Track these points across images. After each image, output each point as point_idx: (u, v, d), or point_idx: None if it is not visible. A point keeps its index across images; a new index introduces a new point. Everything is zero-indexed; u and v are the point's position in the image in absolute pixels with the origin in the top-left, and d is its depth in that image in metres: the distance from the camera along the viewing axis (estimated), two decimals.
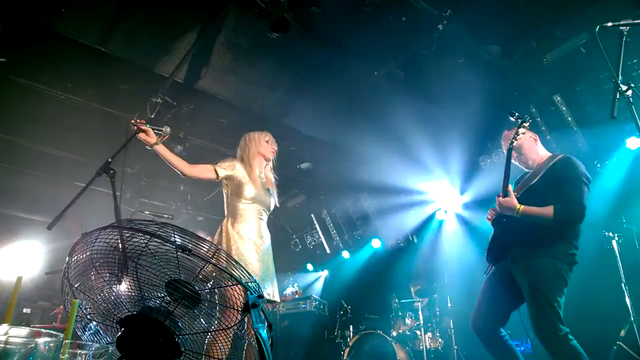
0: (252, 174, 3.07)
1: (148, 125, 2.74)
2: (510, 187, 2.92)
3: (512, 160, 3.08)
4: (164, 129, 2.80)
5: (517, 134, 2.90)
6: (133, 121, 2.75)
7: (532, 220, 2.77)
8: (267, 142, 3.24)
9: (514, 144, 2.93)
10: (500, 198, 2.86)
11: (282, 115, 5.38)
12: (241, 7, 3.96)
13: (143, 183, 6.87)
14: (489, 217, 3.16)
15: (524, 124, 2.90)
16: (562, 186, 2.79)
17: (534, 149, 3.07)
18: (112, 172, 2.54)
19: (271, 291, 2.91)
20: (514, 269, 2.85)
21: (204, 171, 2.97)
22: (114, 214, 2.41)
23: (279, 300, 3.06)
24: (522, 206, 2.77)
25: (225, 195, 3.12)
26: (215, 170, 2.98)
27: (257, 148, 3.18)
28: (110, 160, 2.58)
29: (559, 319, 2.59)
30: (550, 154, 3.09)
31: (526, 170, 3.14)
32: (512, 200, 2.81)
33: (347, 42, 4.32)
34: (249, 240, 2.88)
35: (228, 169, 3.02)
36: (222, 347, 1.62)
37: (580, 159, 2.95)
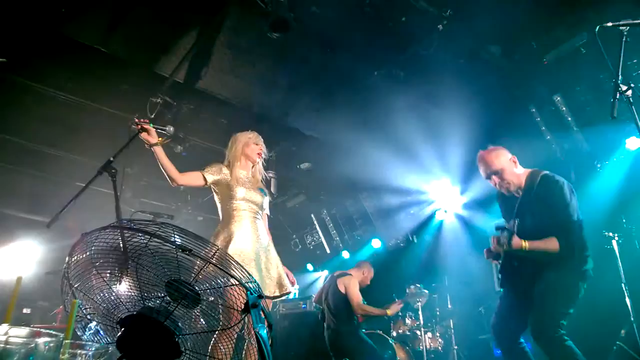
0: (238, 176, 3.08)
1: (151, 125, 2.72)
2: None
3: (494, 185, 3.07)
4: (167, 128, 2.79)
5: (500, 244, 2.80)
6: (137, 120, 2.73)
7: (538, 253, 2.75)
8: (254, 143, 3.21)
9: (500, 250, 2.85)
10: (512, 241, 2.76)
11: (282, 115, 5.38)
12: (241, 7, 3.96)
13: (143, 183, 6.86)
14: (487, 253, 3.16)
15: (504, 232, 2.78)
16: (555, 215, 2.76)
17: (515, 174, 2.99)
18: (113, 171, 2.53)
19: (274, 288, 2.91)
20: (529, 284, 2.86)
21: (193, 179, 2.97)
22: (115, 213, 2.41)
23: (291, 290, 3.03)
24: (528, 243, 2.73)
25: (216, 200, 3.11)
26: (204, 177, 2.98)
27: (242, 149, 3.17)
28: (112, 159, 2.57)
29: (557, 325, 2.61)
30: (527, 172, 3.02)
31: (506, 194, 3.07)
32: (518, 240, 2.75)
33: (347, 42, 4.32)
34: (245, 240, 2.87)
35: (215, 173, 3.02)
36: (224, 348, 1.61)
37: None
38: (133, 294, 1.49)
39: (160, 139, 2.74)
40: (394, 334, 5.55)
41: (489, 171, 3.02)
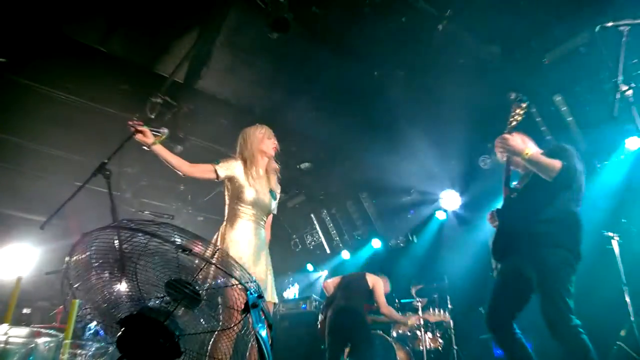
0: (253, 174, 3.00)
1: (146, 127, 2.70)
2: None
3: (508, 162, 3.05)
4: (161, 129, 2.77)
5: (515, 114, 2.87)
6: (130, 122, 2.71)
7: (536, 168, 2.75)
8: (267, 138, 3.13)
9: (513, 124, 2.88)
10: (508, 136, 2.80)
11: (282, 115, 5.38)
12: (241, 7, 3.96)
13: (143, 183, 6.87)
14: (490, 218, 3.16)
15: (522, 104, 2.85)
16: (558, 154, 2.78)
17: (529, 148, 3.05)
18: (107, 172, 2.51)
19: (267, 293, 2.89)
20: (521, 262, 2.84)
21: (204, 171, 2.92)
22: (111, 215, 2.39)
23: (277, 301, 3.04)
24: (531, 151, 2.74)
25: (225, 197, 3.08)
26: (216, 171, 2.93)
27: (257, 145, 3.08)
28: (106, 161, 2.55)
29: (569, 309, 2.58)
30: (541, 150, 3.09)
31: (522, 172, 3.14)
32: (519, 142, 2.78)
33: (347, 42, 4.32)
34: (244, 243, 2.85)
35: (228, 169, 2.96)
36: (224, 348, 1.61)
37: (580, 159, 2.94)
38: (133, 294, 1.49)
39: (155, 138, 2.72)
40: (394, 334, 5.55)
41: (510, 129, 3.00)
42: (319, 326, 5.32)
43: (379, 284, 5.21)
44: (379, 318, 5.36)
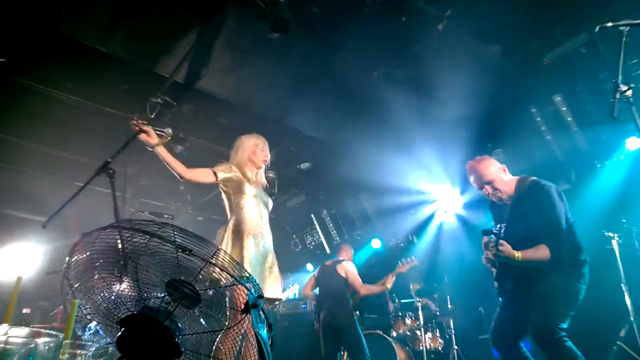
0: (247, 177, 3.12)
1: (150, 126, 2.71)
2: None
3: (486, 195, 3.08)
4: (165, 130, 2.78)
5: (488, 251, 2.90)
6: (135, 121, 2.72)
7: (531, 263, 2.77)
8: (259, 149, 3.22)
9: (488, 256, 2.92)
10: (495, 254, 2.82)
11: (282, 115, 5.38)
12: (241, 7, 3.96)
13: (143, 183, 6.86)
14: (486, 263, 3.15)
15: (495, 241, 2.82)
16: (543, 220, 2.79)
17: (506, 182, 3.04)
18: (111, 171, 2.51)
19: (274, 290, 2.91)
20: (520, 287, 2.87)
21: (203, 175, 2.97)
22: (114, 214, 2.40)
23: (283, 298, 3.09)
24: (521, 253, 2.75)
25: (225, 196, 3.11)
26: (215, 173, 2.99)
27: (248, 156, 3.18)
28: (109, 160, 2.55)
29: (556, 323, 2.59)
30: (516, 179, 3.07)
31: (498, 202, 3.13)
32: (510, 249, 2.78)
33: (347, 42, 4.32)
34: (253, 236, 2.88)
35: (226, 171, 3.04)
36: (225, 348, 1.62)
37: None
38: (133, 294, 1.49)
39: (160, 139, 2.74)
40: (394, 334, 5.55)
41: (481, 182, 3.06)
42: (318, 331, 5.31)
43: (350, 270, 5.26)
44: (372, 289, 5.42)
